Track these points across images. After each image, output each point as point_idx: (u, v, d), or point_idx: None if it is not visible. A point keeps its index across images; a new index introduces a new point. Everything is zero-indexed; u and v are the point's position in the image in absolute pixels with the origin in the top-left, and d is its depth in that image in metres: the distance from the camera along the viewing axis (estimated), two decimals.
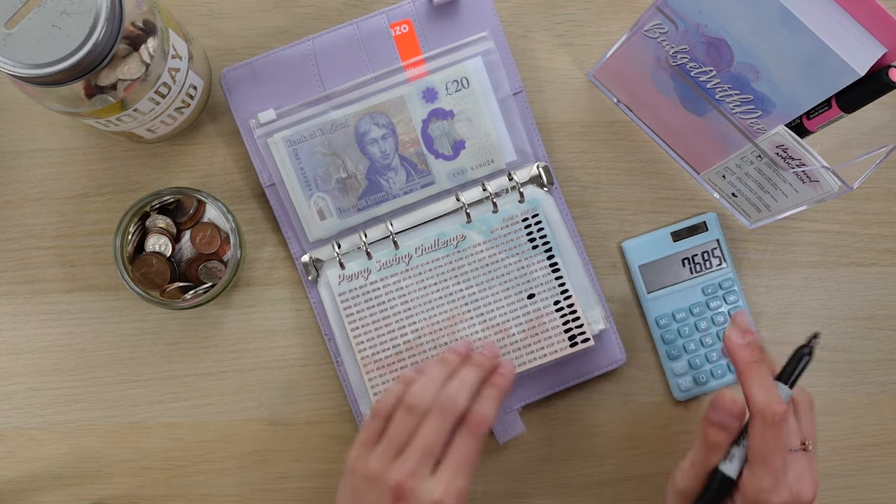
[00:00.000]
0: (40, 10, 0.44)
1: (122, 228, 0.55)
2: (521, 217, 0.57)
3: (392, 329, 0.57)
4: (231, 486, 0.59)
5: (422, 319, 0.57)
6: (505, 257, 0.57)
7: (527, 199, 0.57)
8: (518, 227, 0.57)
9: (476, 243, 0.57)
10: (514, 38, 0.60)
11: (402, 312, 0.57)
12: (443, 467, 0.46)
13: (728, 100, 0.51)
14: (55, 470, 0.58)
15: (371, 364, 0.56)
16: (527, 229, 0.57)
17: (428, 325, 0.57)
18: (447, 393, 0.47)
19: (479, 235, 0.57)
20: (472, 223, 0.57)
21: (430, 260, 0.57)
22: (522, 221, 0.57)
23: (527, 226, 0.57)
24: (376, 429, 0.48)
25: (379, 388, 0.56)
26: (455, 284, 0.57)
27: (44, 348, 0.59)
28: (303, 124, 0.57)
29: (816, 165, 0.49)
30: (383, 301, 0.57)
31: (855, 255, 0.62)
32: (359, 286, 0.57)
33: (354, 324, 0.57)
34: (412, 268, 0.57)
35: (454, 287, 0.57)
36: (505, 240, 0.57)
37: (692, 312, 0.60)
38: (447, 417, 0.46)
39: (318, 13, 0.60)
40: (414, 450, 0.46)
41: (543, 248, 0.57)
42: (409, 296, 0.57)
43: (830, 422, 0.61)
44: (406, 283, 0.57)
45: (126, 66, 0.47)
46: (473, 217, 0.57)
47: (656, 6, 0.49)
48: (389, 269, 0.57)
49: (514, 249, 0.57)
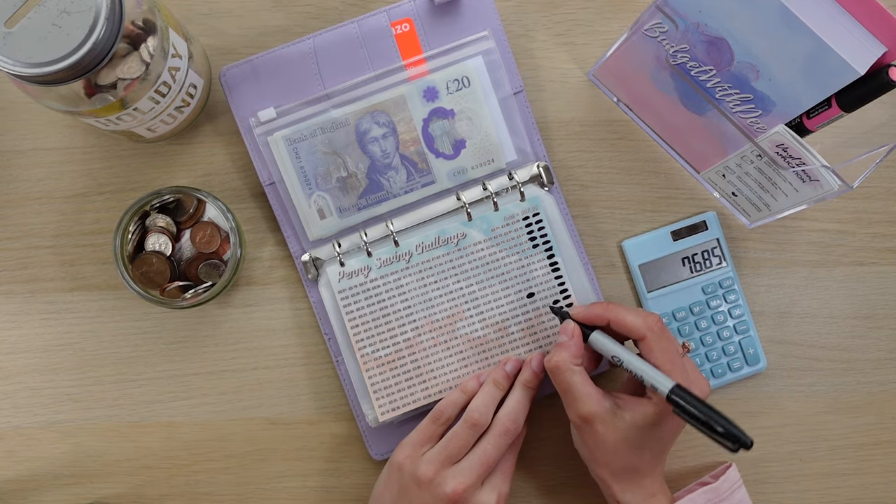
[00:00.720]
0: (40, 8, 0.44)
1: (122, 227, 0.55)
2: (521, 216, 0.57)
3: (392, 327, 0.57)
4: (231, 486, 0.59)
5: (422, 317, 0.57)
6: (505, 256, 0.57)
7: (528, 198, 0.57)
8: (519, 225, 0.57)
9: (476, 241, 0.57)
10: (515, 38, 0.60)
11: (403, 310, 0.57)
12: (492, 477, 0.52)
13: (728, 99, 0.51)
14: (55, 469, 0.58)
15: (371, 362, 0.56)
16: (527, 228, 0.57)
17: (428, 323, 0.57)
18: (508, 415, 0.52)
19: (480, 233, 0.57)
20: (473, 221, 0.57)
21: (430, 258, 0.57)
22: (523, 220, 0.57)
23: (527, 224, 0.57)
24: (433, 433, 0.53)
25: (379, 386, 0.56)
26: (455, 282, 0.57)
27: (43, 347, 0.59)
28: (303, 123, 0.57)
29: (816, 164, 0.49)
30: (383, 299, 0.57)
31: (855, 255, 0.62)
32: (359, 283, 0.57)
33: (354, 321, 0.57)
34: (412, 265, 0.57)
35: (454, 285, 0.57)
36: (505, 238, 0.57)
37: (692, 311, 0.60)
38: (507, 438, 0.52)
39: (318, 12, 0.60)
40: (474, 464, 0.50)
41: (544, 248, 0.57)
42: (410, 293, 0.57)
43: (830, 421, 0.61)
44: (406, 281, 0.57)
45: (126, 65, 0.47)
46: (474, 215, 0.57)
47: (656, 5, 0.49)
48: (390, 266, 0.57)
49: (514, 248, 0.57)
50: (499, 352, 0.57)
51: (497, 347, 0.57)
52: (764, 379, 0.61)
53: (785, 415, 0.61)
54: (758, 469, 0.61)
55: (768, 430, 0.61)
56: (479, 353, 0.57)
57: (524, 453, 0.59)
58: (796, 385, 0.61)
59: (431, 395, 0.57)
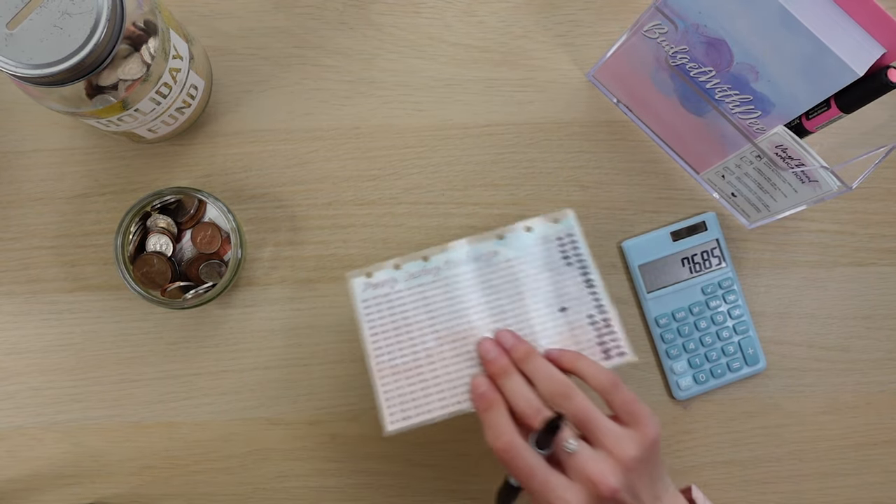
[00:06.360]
0: (42, 10, 0.44)
1: (123, 228, 0.55)
2: (555, 236, 0.55)
3: (413, 336, 0.54)
4: (231, 486, 0.59)
5: (445, 328, 0.54)
6: (537, 272, 0.55)
7: (561, 221, 0.55)
8: (552, 245, 0.55)
9: (508, 258, 0.55)
10: (515, 38, 0.61)
11: (426, 320, 0.54)
12: None
13: (727, 100, 0.51)
14: (56, 469, 0.58)
15: (386, 370, 0.55)
16: (561, 248, 0.55)
17: (451, 334, 0.54)
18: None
19: (512, 251, 0.55)
20: (505, 239, 0.55)
21: (459, 272, 0.55)
22: (557, 240, 0.55)
23: (561, 245, 0.55)
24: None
25: (392, 394, 0.54)
26: (483, 296, 0.55)
27: (45, 348, 0.59)
28: None
29: (816, 165, 0.49)
30: (407, 309, 0.55)
31: (854, 255, 0.62)
32: (383, 294, 0.54)
33: (374, 329, 0.54)
34: (440, 279, 0.55)
35: (482, 298, 0.55)
36: (538, 257, 0.55)
37: (692, 312, 0.60)
38: None
39: (318, 13, 0.60)
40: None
41: (578, 265, 0.55)
42: (435, 304, 0.55)
43: (830, 421, 0.61)
44: (433, 293, 0.55)
45: (127, 67, 0.47)
46: (507, 236, 0.55)
47: (656, 6, 0.49)
48: (417, 279, 0.55)
49: (547, 265, 0.55)
50: None
51: None
52: (763, 379, 0.61)
53: (784, 415, 0.61)
54: (757, 469, 0.61)
55: (768, 430, 0.61)
56: None
57: None
58: (796, 385, 0.61)
59: (448, 406, 0.53)
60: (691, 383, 0.60)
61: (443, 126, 0.61)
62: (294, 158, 0.60)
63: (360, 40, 0.61)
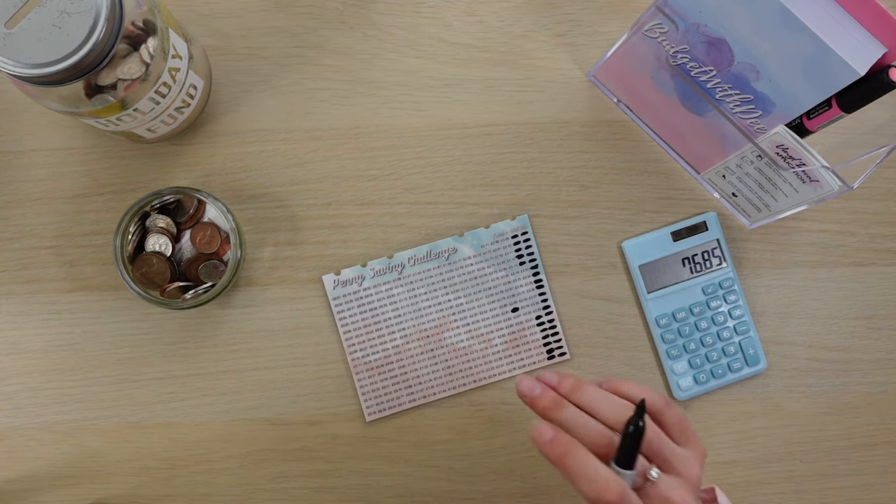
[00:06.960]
0: (40, 9, 0.44)
1: (122, 228, 0.55)
2: (510, 234, 0.60)
3: (382, 334, 0.59)
4: (231, 486, 0.59)
5: (411, 326, 0.59)
6: (493, 271, 0.60)
7: (517, 218, 0.60)
8: (507, 243, 0.60)
9: (466, 256, 0.59)
10: (515, 38, 0.61)
11: (393, 319, 0.59)
12: None
13: (728, 99, 0.51)
14: (55, 469, 0.58)
15: (361, 366, 0.59)
16: (515, 246, 0.60)
17: (417, 332, 0.59)
18: None
19: (470, 249, 0.60)
20: (464, 237, 0.59)
21: (421, 270, 0.59)
22: (512, 238, 0.60)
23: (516, 242, 0.60)
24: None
25: (367, 389, 0.59)
26: (444, 294, 0.59)
27: (44, 348, 0.59)
28: None
29: (816, 165, 0.49)
30: (375, 307, 0.59)
31: (855, 255, 0.62)
32: (352, 292, 0.59)
33: (347, 327, 0.59)
34: (404, 277, 0.59)
35: (443, 297, 0.59)
36: (494, 255, 0.60)
37: (692, 312, 0.60)
38: None
39: (318, 13, 0.60)
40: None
41: (530, 265, 0.59)
42: (400, 303, 0.59)
43: (831, 421, 0.61)
44: (398, 291, 0.59)
45: (126, 66, 0.47)
46: (465, 232, 0.59)
47: (656, 6, 0.48)
48: (382, 276, 0.59)
49: (502, 264, 0.59)
50: (482, 362, 0.59)
51: (481, 358, 0.59)
52: (764, 379, 0.61)
53: (785, 415, 0.61)
54: (758, 469, 0.61)
55: (768, 431, 0.61)
56: (464, 363, 0.59)
57: (517, 456, 0.59)
58: (796, 385, 0.61)
59: (416, 400, 0.59)
60: (692, 384, 0.60)
61: (443, 126, 0.61)
62: (294, 158, 0.60)
63: (360, 40, 0.61)
